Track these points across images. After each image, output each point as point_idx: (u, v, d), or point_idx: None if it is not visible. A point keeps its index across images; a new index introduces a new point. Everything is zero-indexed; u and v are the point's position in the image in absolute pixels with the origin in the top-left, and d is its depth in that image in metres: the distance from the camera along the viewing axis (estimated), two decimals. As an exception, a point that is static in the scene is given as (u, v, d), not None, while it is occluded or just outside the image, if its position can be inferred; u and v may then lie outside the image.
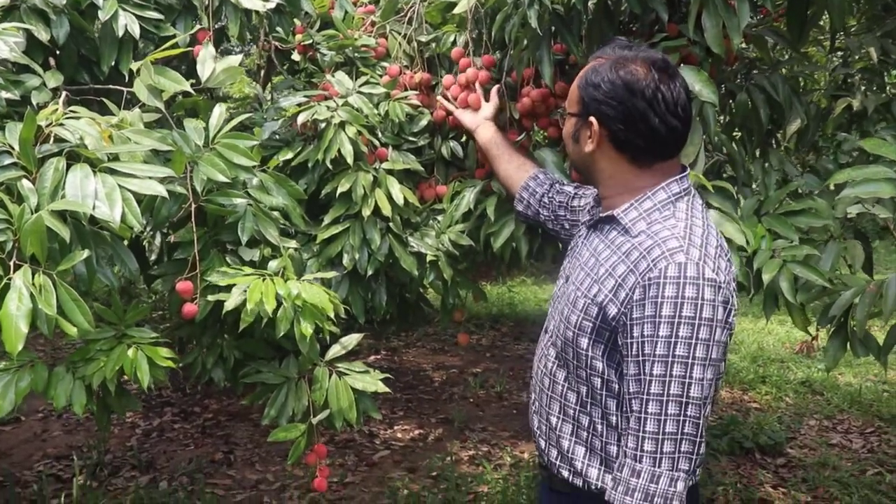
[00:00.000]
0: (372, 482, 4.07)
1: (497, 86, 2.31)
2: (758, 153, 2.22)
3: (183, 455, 4.40)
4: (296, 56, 2.76)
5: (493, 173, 2.18)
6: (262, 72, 2.63)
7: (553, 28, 2.11)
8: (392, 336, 6.66)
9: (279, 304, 1.75)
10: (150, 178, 1.61)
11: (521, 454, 4.47)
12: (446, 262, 2.30)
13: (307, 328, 1.75)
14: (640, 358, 1.36)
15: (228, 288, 1.81)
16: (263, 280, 1.76)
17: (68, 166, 1.56)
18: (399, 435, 4.81)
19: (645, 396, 1.36)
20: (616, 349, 1.45)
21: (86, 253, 1.49)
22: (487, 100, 2.29)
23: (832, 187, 1.99)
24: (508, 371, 6.06)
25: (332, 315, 1.77)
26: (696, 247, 1.38)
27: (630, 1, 1.97)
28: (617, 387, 1.47)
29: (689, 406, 1.34)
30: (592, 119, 1.50)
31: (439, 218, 2.39)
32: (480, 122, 2.21)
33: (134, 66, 1.87)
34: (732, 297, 1.41)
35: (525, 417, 5.12)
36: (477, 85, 2.29)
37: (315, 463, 2.06)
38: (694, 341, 1.32)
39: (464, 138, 2.49)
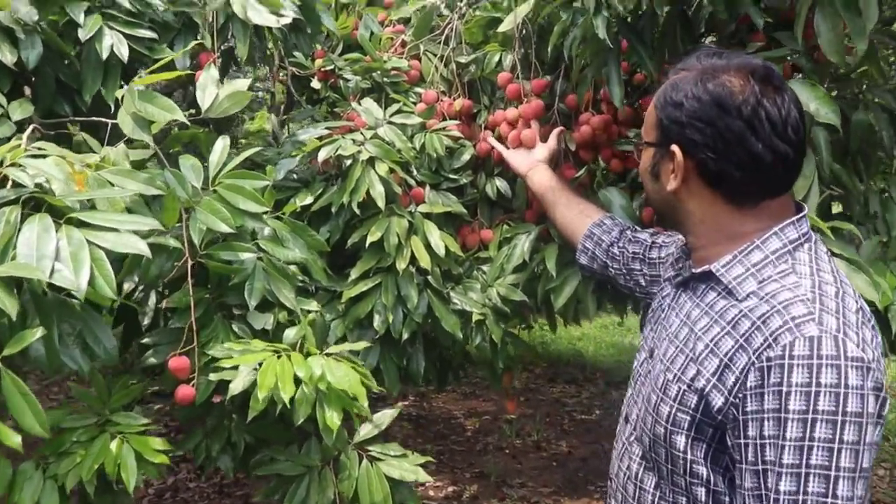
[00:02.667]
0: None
1: (559, 129, 1.98)
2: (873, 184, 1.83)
3: (199, 516, 4.04)
4: (315, 84, 2.43)
5: (551, 222, 1.85)
6: (277, 102, 2.29)
7: (620, 40, 1.76)
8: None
9: (298, 386, 1.39)
10: (129, 231, 1.27)
11: (566, 514, 4.05)
12: (494, 320, 1.93)
13: (334, 418, 1.38)
14: (760, 467, 1.02)
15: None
16: (279, 357, 1.40)
17: (24, 217, 1.22)
18: (431, 493, 4.41)
19: None
20: (724, 450, 1.09)
21: (39, 332, 1.14)
22: (543, 138, 1.94)
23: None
24: (545, 417, 5.65)
25: (364, 401, 1.41)
26: (830, 313, 1.03)
27: (715, 3, 1.62)
28: (728, 500, 1.10)
29: None
30: (675, 148, 1.16)
31: (484, 268, 2.03)
32: (533, 164, 1.90)
33: (118, 93, 1.55)
34: (884, 379, 1.04)
35: (567, 469, 4.73)
36: (530, 121, 1.95)
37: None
38: (837, 445, 0.98)
39: (511, 174, 2.14)
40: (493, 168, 2.11)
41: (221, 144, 1.56)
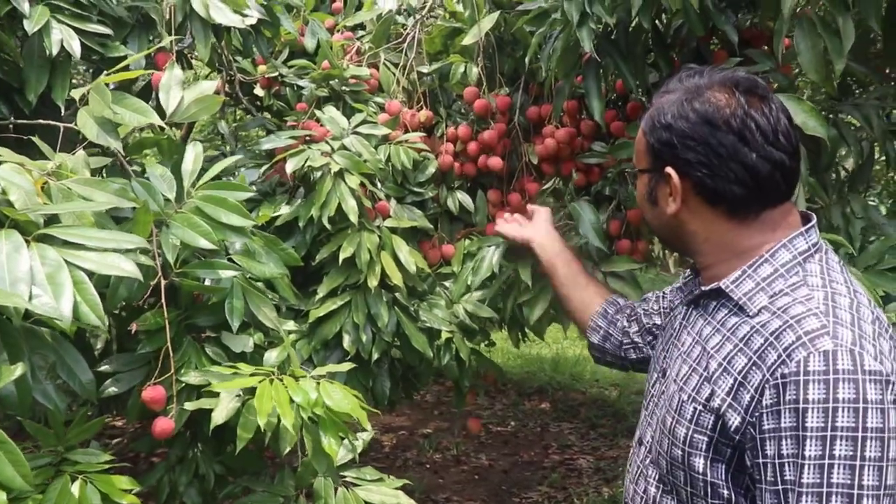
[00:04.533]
0: (333, 578, 3.52)
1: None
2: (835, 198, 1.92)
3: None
4: (258, 90, 2.31)
5: (559, 298, 1.68)
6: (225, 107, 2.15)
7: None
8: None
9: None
10: (111, 250, 1.13)
11: (494, 529, 4.03)
12: (461, 337, 1.88)
13: (332, 446, 1.29)
14: (780, 486, 0.99)
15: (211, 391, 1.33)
16: (271, 382, 1.29)
17: (-10, 235, 1.07)
18: (354, 513, 4.27)
19: None
20: (744, 470, 1.06)
21: (19, 369, 0.99)
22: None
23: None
24: (461, 431, 5.63)
25: (366, 424, 1.32)
26: (845, 325, 1.01)
27: (690, 20, 1.65)
28: None
29: None
30: (669, 170, 1.14)
31: (447, 283, 1.98)
32: (538, 232, 1.73)
33: (75, 93, 1.39)
34: None
35: (490, 482, 4.72)
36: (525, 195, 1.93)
37: None
38: (859, 463, 0.95)
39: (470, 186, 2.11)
40: (455, 181, 2.07)
41: (194, 152, 1.43)
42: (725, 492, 1.08)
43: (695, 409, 1.10)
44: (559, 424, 5.73)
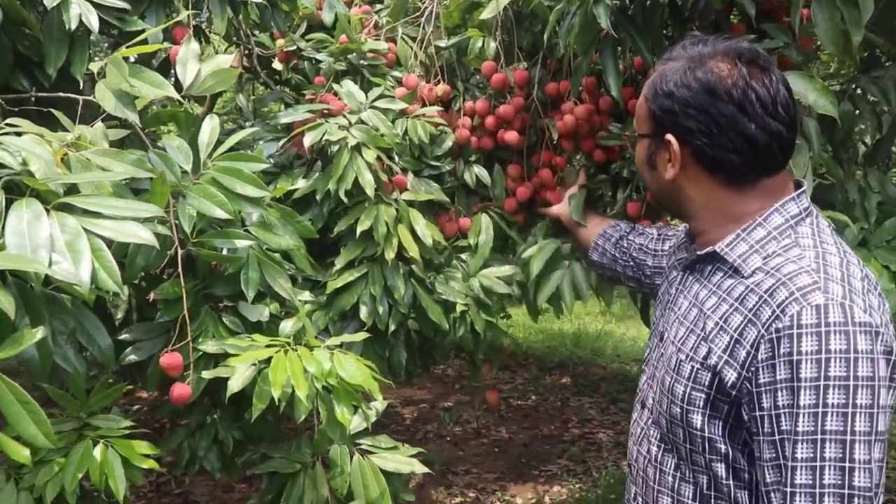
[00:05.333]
0: (354, 545, 3.59)
1: (582, 168, 2.01)
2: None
3: (135, 518, 3.84)
4: (277, 65, 2.32)
5: (577, 244, 1.90)
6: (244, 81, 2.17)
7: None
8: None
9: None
10: (128, 218, 1.15)
11: (513, 499, 4.08)
12: (476, 311, 1.90)
13: (345, 415, 1.31)
14: (777, 437, 1.03)
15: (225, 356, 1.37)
16: (286, 353, 1.32)
17: (9, 203, 1.09)
18: (375, 484, 4.34)
19: (790, 489, 1.01)
20: (741, 426, 1.10)
21: (40, 333, 1.02)
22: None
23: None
24: (482, 404, 5.67)
25: (378, 395, 1.34)
26: (836, 281, 1.05)
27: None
28: (748, 475, 1.11)
29: (856, 499, 0.99)
30: (670, 137, 1.17)
31: (463, 256, 1.99)
32: (564, 206, 1.93)
33: (93, 66, 1.41)
34: (894, 343, 1.07)
35: (509, 455, 4.76)
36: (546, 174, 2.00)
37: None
38: (851, 410, 0.99)
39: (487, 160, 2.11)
40: (471, 155, 2.07)
41: (210, 124, 1.45)
42: (723, 447, 1.12)
43: (692, 367, 1.14)
44: (579, 399, 5.75)
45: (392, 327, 1.80)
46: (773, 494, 1.04)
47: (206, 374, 1.38)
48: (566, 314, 1.96)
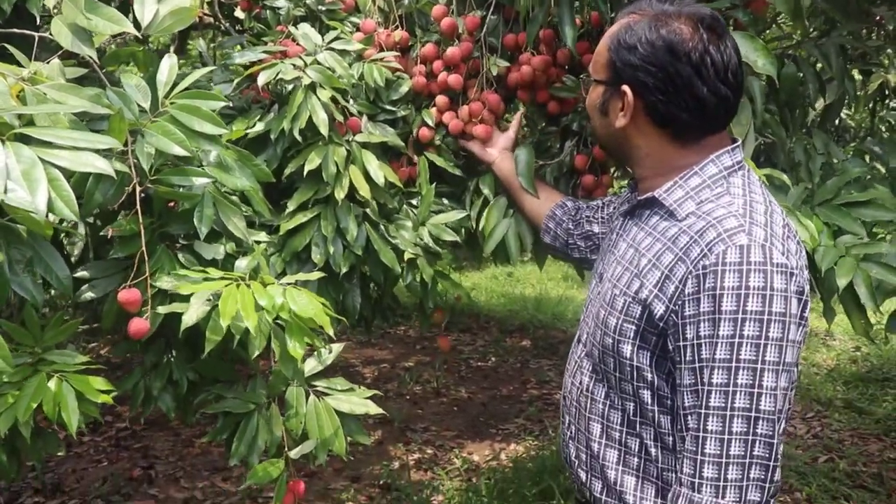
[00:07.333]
0: (313, 495, 3.66)
1: (520, 112, 2.04)
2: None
3: (95, 473, 3.85)
4: (239, 13, 2.31)
5: (516, 207, 1.92)
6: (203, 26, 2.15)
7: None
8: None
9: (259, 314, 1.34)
10: (85, 149, 1.17)
11: (470, 456, 4.18)
12: (425, 259, 1.94)
13: (297, 349, 1.35)
14: (697, 364, 1.13)
15: (183, 295, 1.39)
16: (238, 286, 1.35)
17: (-37, 133, 1.10)
18: (335, 439, 4.41)
19: (704, 411, 1.12)
20: (666, 356, 1.20)
21: (-1, 257, 1.04)
22: (498, 125, 2.00)
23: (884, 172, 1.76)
24: (442, 364, 5.76)
25: (329, 330, 1.38)
26: (759, 226, 1.15)
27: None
28: (671, 401, 1.22)
29: (760, 422, 1.10)
30: (626, 88, 1.25)
31: (414, 202, 2.02)
32: (497, 154, 1.95)
33: (49, 2, 1.41)
34: (806, 285, 1.18)
35: (468, 414, 4.86)
36: (486, 113, 1.97)
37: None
38: (763, 341, 1.10)
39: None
40: (426, 102, 2.09)
41: (168, 63, 1.46)
42: (649, 375, 1.23)
43: (625, 301, 1.24)
44: (539, 361, 5.87)
45: (344, 269, 1.81)
46: (689, 417, 1.14)
47: (162, 310, 1.39)
48: (512, 265, 2.02)
